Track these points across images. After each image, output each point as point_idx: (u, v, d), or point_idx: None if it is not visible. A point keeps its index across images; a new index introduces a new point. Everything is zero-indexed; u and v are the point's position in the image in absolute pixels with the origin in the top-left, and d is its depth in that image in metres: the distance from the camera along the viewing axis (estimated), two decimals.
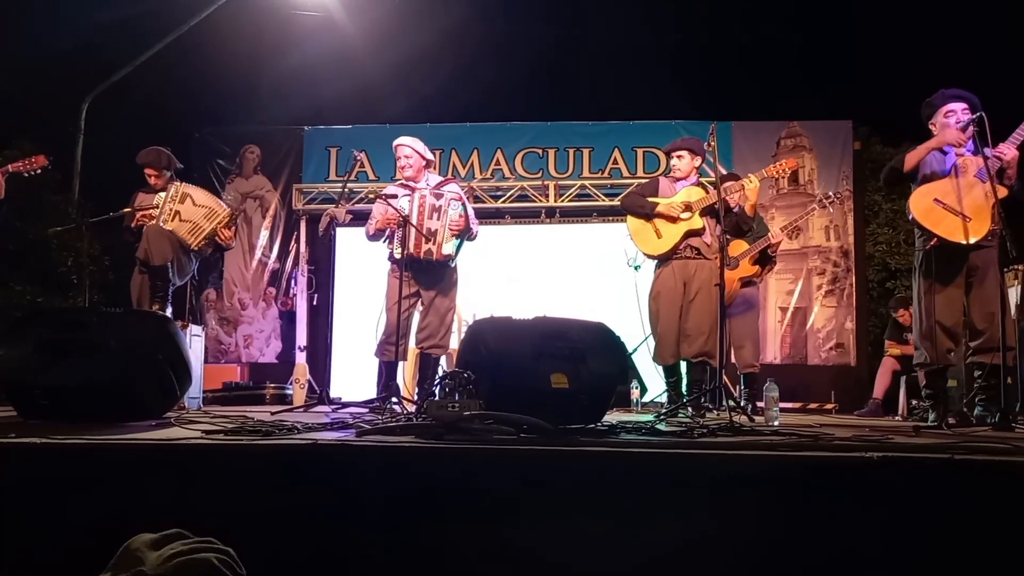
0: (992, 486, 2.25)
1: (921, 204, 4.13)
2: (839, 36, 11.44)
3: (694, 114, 8.32)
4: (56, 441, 2.34)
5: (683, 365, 5.10)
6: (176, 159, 5.44)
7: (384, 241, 5.10)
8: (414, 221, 4.87)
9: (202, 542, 1.43)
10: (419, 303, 5.10)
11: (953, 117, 4.15)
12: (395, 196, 5.00)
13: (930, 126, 4.30)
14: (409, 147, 5.10)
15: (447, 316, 5.11)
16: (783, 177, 5.28)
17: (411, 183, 5.09)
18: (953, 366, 4.16)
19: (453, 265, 5.11)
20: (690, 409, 4.58)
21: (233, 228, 5.43)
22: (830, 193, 6.42)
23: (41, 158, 5.15)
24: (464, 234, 5.03)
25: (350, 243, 8.21)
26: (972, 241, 3.98)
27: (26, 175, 5.16)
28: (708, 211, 4.90)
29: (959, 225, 4.01)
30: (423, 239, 4.86)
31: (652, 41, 11.68)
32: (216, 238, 5.25)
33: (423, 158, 5.14)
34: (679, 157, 5.06)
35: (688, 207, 4.91)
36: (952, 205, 4.03)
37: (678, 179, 5.07)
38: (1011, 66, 8.75)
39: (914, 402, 6.03)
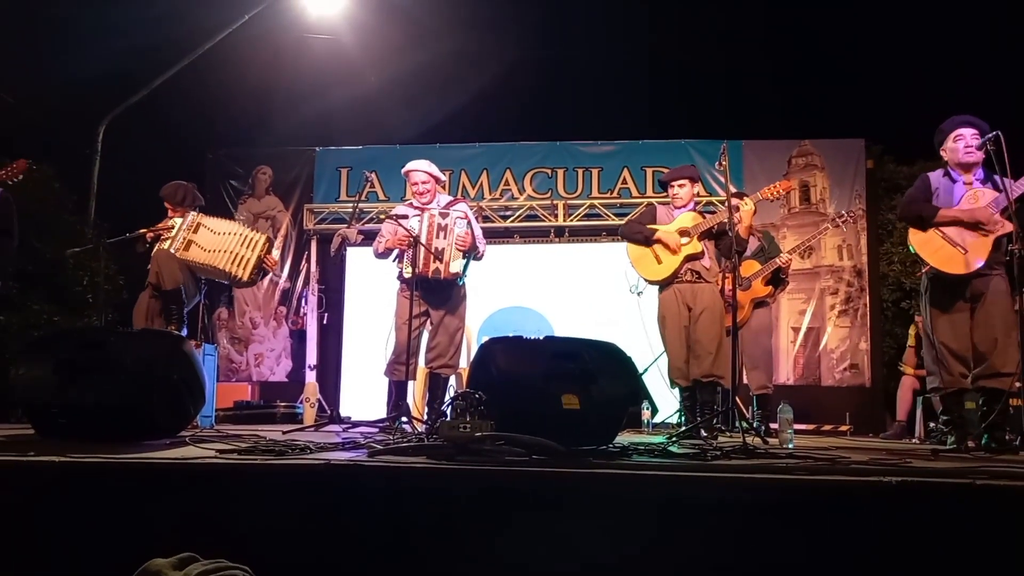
0: (1016, 512, 2.22)
1: (920, 232, 4.19)
2: (851, 54, 11.45)
3: (704, 133, 8.34)
4: (75, 460, 2.36)
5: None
6: (199, 195, 5.49)
7: (393, 260, 5.11)
8: (423, 241, 4.88)
9: (215, 563, 1.44)
10: (428, 322, 5.10)
11: (962, 141, 4.16)
12: (405, 216, 5.01)
13: (941, 152, 4.31)
14: (424, 172, 5.10)
15: (456, 335, 5.11)
16: (776, 199, 5.31)
17: (422, 204, 5.12)
18: (969, 389, 4.13)
19: (461, 283, 5.11)
20: (702, 430, 4.56)
21: (274, 256, 5.51)
22: (843, 212, 6.40)
23: (21, 163, 5.02)
24: (470, 252, 5.03)
25: (361, 263, 8.24)
26: (964, 273, 4.01)
27: (11, 183, 5.01)
28: (706, 235, 4.98)
29: (954, 256, 4.05)
30: (432, 258, 4.88)
31: (661, 60, 11.72)
32: (263, 265, 5.29)
33: (437, 180, 5.17)
34: (681, 186, 5.11)
35: (686, 232, 4.96)
36: (952, 236, 4.07)
37: (678, 207, 5.11)
38: None
39: (931, 424, 5.97)
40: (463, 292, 5.16)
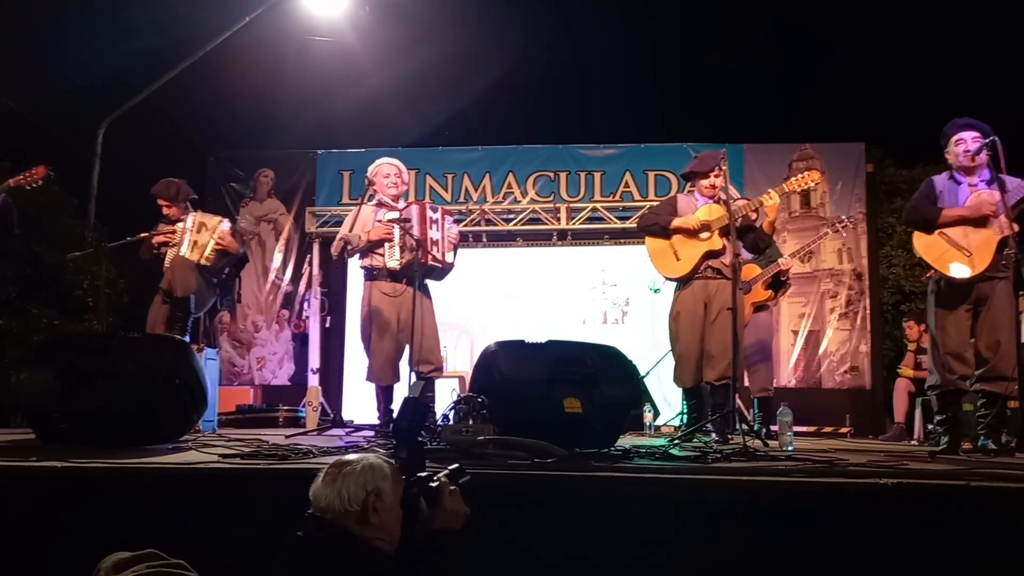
0: (1009, 513, 2.23)
1: (925, 236, 4.16)
2: (851, 58, 11.48)
3: (705, 136, 8.33)
4: (77, 465, 2.36)
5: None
6: (190, 189, 5.42)
7: (359, 257, 4.96)
8: (416, 230, 4.79)
9: (169, 565, 1.47)
10: (409, 321, 4.81)
11: (962, 145, 4.15)
12: (408, 220, 4.93)
13: (946, 155, 4.31)
14: (396, 166, 5.06)
15: (436, 334, 4.97)
16: (805, 190, 5.09)
17: (393, 200, 5.02)
18: (966, 392, 4.14)
19: (436, 280, 5.02)
20: (713, 435, 4.50)
21: (229, 230, 5.30)
22: (843, 218, 6.37)
23: (41, 169, 4.92)
24: (456, 250, 5.00)
25: None
26: (968, 276, 4.00)
27: (28, 188, 4.92)
28: (727, 231, 4.70)
29: (959, 259, 4.03)
30: (427, 248, 4.77)
31: (663, 64, 11.75)
32: (217, 246, 5.19)
33: (404, 182, 5.14)
34: (716, 176, 4.82)
35: (707, 226, 4.78)
36: (956, 239, 4.05)
37: (710, 196, 4.87)
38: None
39: (930, 426, 5.98)
40: (428, 292, 5.02)
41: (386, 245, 4.86)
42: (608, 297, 8.01)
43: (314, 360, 8.31)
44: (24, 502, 2.27)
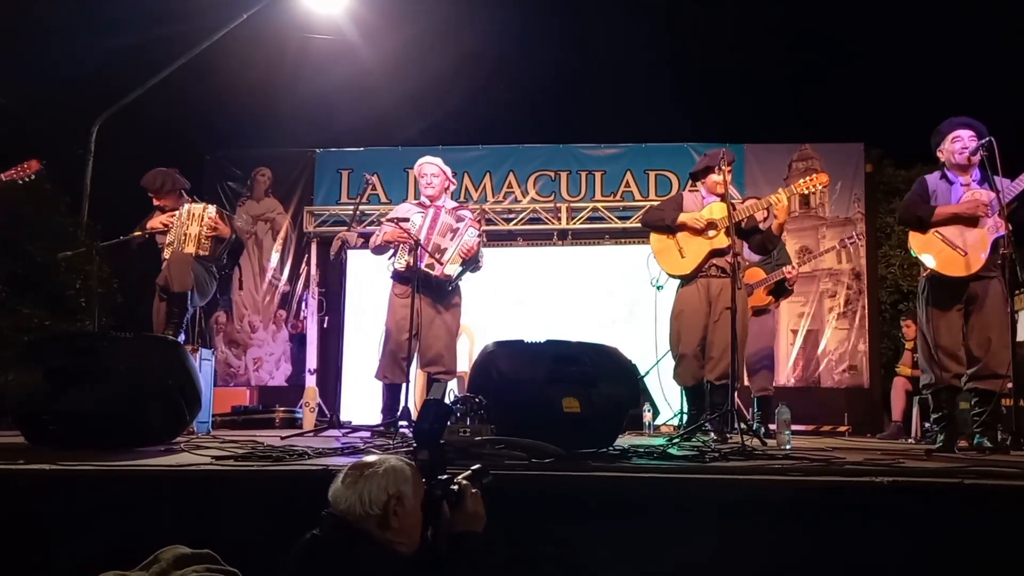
0: (1003, 510, 2.23)
1: (920, 235, 4.18)
2: (851, 58, 11.47)
3: (706, 136, 8.34)
4: (65, 468, 2.33)
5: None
6: (181, 179, 5.36)
7: (389, 257, 4.99)
8: (424, 234, 4.79)
9: (224, 572, 1.46)
10: (421, 324, 4.86)
11: (959, 143, 4.17)
12: (407, 219, 4.92)
13: (938, 153, 4.32)
14: (437, 166, 5.03)
15: (451, 339, 4.97)
16: (810, 192, 5.02)
17: (430, 201, 5.02)
18: (961, 389, 4.15)
19: (450, 288, 4.97)
20: (712, 434, 4.46)
21: (216, 215, 5.19)
22: (852, 235, 6.34)
23: (33, 163, 4.85)
24: (471, 263, 4.92)
25: (361, 266, 8.19)
26: (964, 275, 4.03)
27: (21, 182, 4.85)
28: (735, 229, 4.61)
29: (954, 258, 4.06)
30: (429, 253, 4.76)
31: (664, 64, 11.74)
32: (209, 233, 5.12)
33: (448, 179, 5.09)
34: (719, 173, 4.72)
35: (713, 224, 4.71)
36: (951, 238, 4.08)
37: (720, 194, 4.75)
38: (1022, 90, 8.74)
39: (927, 424, 5.98)
40: (457, 295, 5.03)
41: (401, 247, 4.87)
42: (609, 297, 7.99)
43: (311, 361, 8.28)
44: (12, 506, 2.24)
